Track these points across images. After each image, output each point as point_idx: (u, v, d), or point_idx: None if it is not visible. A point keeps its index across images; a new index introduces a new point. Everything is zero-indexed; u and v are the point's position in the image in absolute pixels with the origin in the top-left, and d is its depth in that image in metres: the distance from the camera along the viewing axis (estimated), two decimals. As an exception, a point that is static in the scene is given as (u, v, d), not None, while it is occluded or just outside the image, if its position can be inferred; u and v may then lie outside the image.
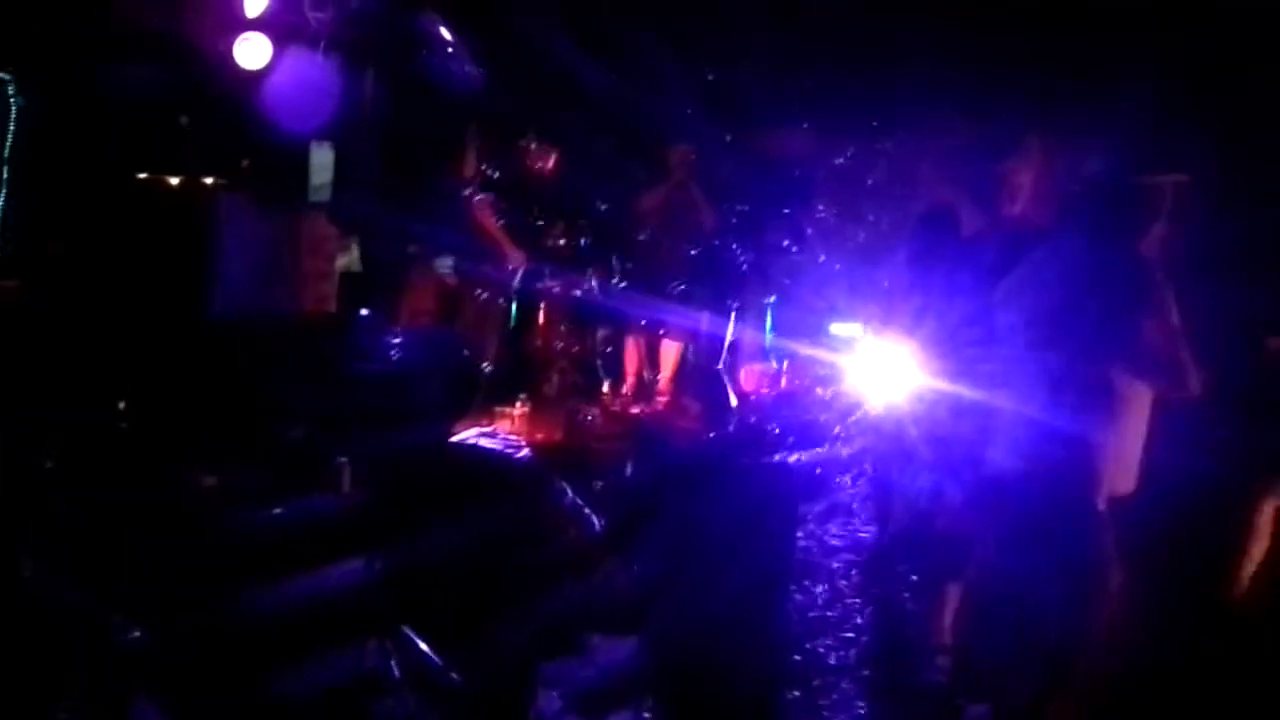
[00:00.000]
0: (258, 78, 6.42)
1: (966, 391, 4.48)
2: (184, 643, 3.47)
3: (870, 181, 8.73)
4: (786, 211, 8.73)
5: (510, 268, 7.40)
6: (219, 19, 6.31)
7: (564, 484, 4.74)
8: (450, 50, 6.86)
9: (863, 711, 4.89)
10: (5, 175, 6.01)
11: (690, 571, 4.54)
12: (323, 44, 6.62)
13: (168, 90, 6.34)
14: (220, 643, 3.80)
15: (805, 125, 8.62)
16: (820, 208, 9.00)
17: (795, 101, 8.35)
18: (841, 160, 8.87)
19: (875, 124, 8.41)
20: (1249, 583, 4.37)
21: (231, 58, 6.36)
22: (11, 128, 6.03)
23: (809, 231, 8.97)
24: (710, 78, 8.22)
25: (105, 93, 6.22)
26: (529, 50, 7.50)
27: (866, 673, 5.06)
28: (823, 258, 9.23)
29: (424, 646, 4.33)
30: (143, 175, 6.38)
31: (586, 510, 4.72)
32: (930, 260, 5.01)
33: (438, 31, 6.85)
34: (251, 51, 6.36)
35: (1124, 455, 3.94)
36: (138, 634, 3.14)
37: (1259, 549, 4.37)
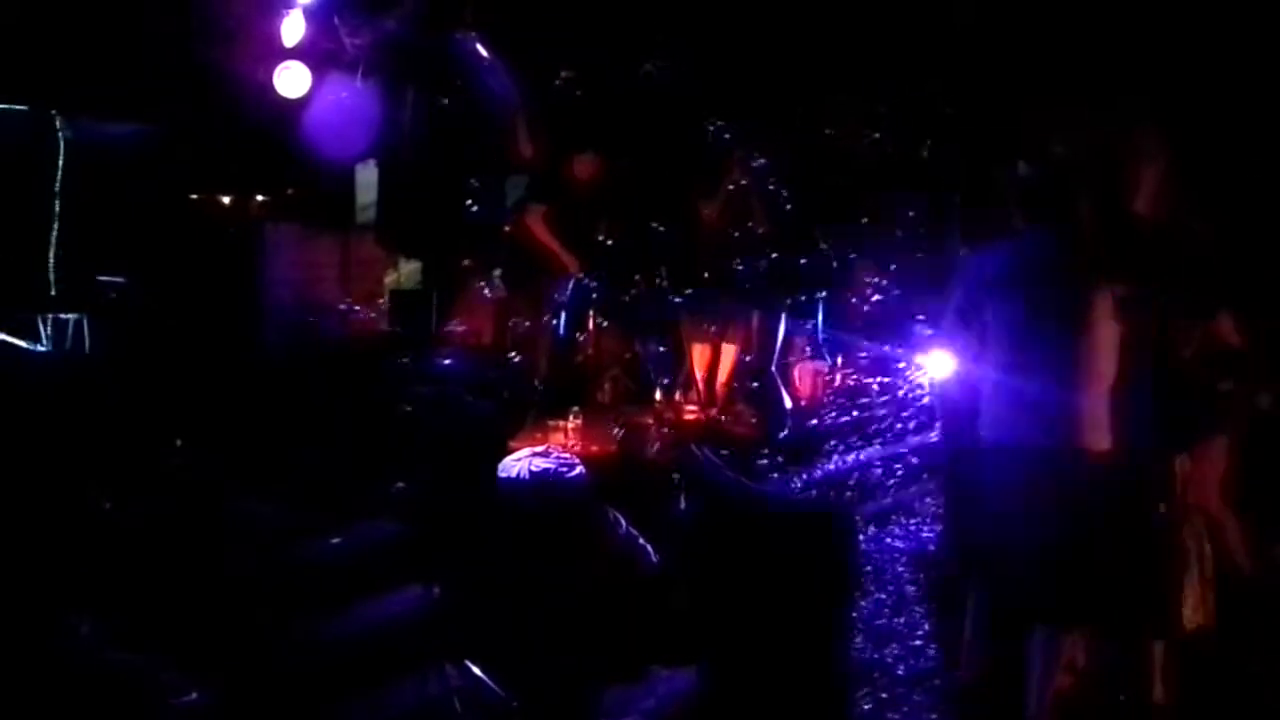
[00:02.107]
0: (299, 105, 6.45)
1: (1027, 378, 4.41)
2: (238, 695, 3.47)
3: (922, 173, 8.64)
4: (837, 205, 8.64)
5: (565, 277, 7.38)
6: (258, 50, 6.35)
7: (618, 514, 4.69)
8: (488, 66, 6.84)
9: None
10: (57, 209, 6.07)
11: (746, 590, 4.48)
12: (361, 69, 6.64)
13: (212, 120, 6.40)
14: (278, 684, 3.81)
15: (859, 119, 8.54)
16: (872, 200, 8.91)
17: (850, 95, 8.28)
18: (893, 152, 8.77)
19: (927, 116, 8.31)
20: None
21: (272, 87, 6.39)
22: (61, 162, 6.09)
23: (862, 223, 8.88)
24: (763, 74, 8.14)
25: (150, 125, 6.28)
26: (571, 58, 7.49)
27: (938, 681, 4.97)
28: (872, 249, 9.14)
29: (485, 677, 4.31)
30: (195, 196, 6.45)
31: (641, 541, 4.68)
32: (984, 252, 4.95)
33: (474, 49, 6.83)
34: (291, 80, 6.39)
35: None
36: (194, 695, 3.14)
37: None
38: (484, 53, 6.86)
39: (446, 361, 6.27)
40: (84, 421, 5.04)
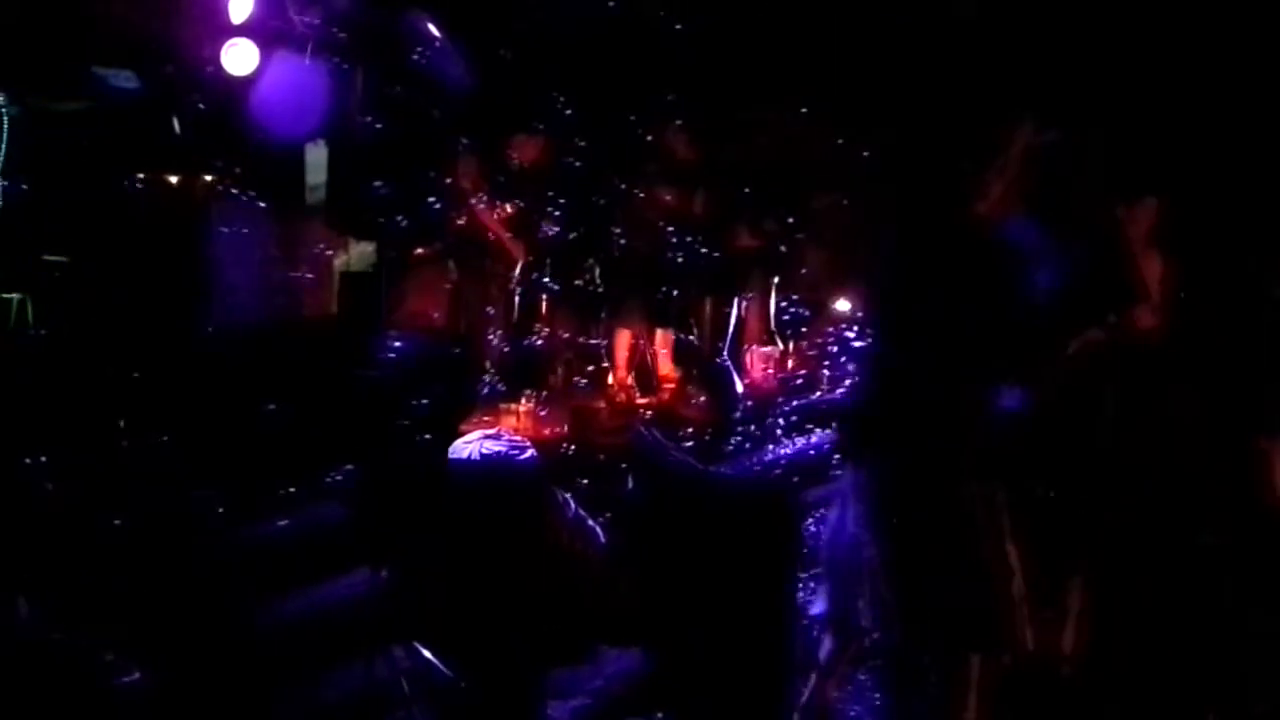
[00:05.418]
0: (247, 83, 6.37)
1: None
2: (184, 677, 3.45)
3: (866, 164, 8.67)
4: (786, 193, 8.67)
5: (512, 262, 7.35)
6: (205, 26, 6.26)
7: (567, 496, 4.71)
8: (438, 46, 6.79)
9: (878, 703, 4.85)
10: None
11: (693, 571, 4.50)
12: (310, 47, 6.56)
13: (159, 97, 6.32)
14: (223, 665, 3.79)
15: (801, 108, 8.56)
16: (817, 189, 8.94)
17: (794, 84, 8.28)
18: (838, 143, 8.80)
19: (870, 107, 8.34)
20: None
21: (220, 64, 6.31)
22: (4, 140, 6.00)
23: (809, 212, 8.91)
24: (703, 60, 8.14)
25: (98, 102, 6.20)
26: (518, 41, 7.43)
27: (881, 663, 5.03)
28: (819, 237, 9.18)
29: (433, 659, 4.31)
30: (140, 175, 6.36)
31: (590, 522, 4.69)
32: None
33: (425, 29, 6.77)
34: (239, 57, 6.30)
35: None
36: (136, 675, 3.12)
37: None
38: (435, 32, 6.81)
39: (397, 344, 6.23)
40: (27, 402, 4.99)
